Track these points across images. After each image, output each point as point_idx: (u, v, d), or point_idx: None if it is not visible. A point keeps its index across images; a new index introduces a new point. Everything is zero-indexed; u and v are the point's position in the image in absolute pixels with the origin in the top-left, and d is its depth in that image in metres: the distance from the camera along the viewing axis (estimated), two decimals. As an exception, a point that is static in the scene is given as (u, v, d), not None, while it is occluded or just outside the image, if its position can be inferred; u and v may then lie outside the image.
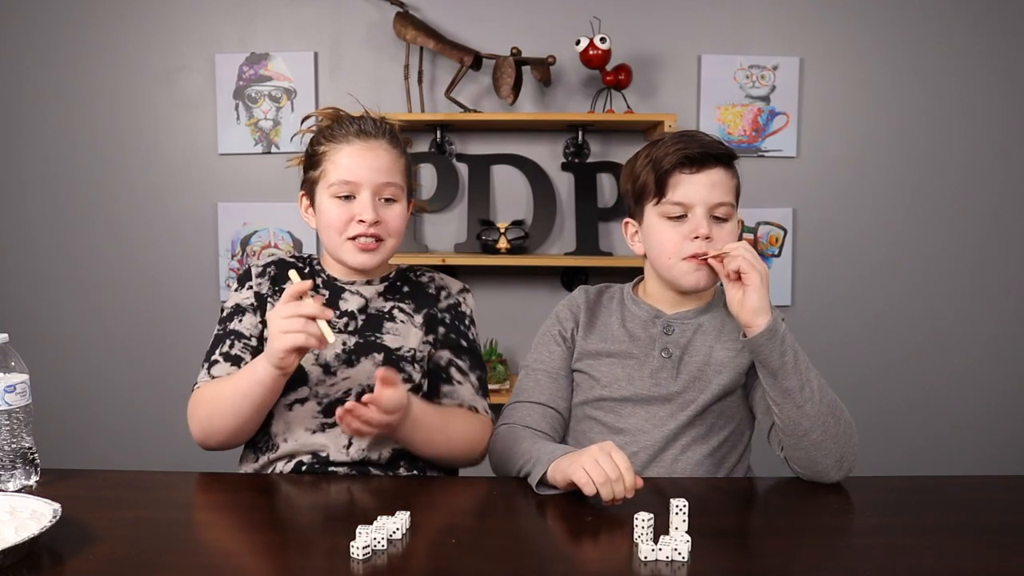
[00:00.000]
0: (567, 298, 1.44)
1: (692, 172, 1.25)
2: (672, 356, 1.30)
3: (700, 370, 1.30)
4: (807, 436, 1.15)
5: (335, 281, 1.36)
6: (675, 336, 1.32)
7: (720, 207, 1.25)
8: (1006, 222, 2.52)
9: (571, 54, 2.39)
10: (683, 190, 1.25)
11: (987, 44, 2.47)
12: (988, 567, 0.90)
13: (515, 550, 0.95)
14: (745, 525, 1.02)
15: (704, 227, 1.24)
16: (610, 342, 1.35)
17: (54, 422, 2.50)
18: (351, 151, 1.29)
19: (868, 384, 2.54)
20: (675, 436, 1.28)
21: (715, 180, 1.25)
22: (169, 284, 2.57)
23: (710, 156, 1.24)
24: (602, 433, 1.31)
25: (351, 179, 1.28)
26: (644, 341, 1.33)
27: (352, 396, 1.26)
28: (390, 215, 1.30)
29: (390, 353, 1.30)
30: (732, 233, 1.26)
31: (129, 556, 0.90)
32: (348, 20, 2.49)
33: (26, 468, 1.12)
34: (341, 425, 1.14)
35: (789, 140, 2.50)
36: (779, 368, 1.15)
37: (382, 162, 1.29)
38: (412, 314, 1.36)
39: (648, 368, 1.31)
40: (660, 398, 1.29)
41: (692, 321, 1.33)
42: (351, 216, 1.28)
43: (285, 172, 2.54)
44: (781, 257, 2.53)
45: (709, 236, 1.23)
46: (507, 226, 2.41)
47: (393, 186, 1.30)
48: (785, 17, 2.48)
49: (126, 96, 2.53)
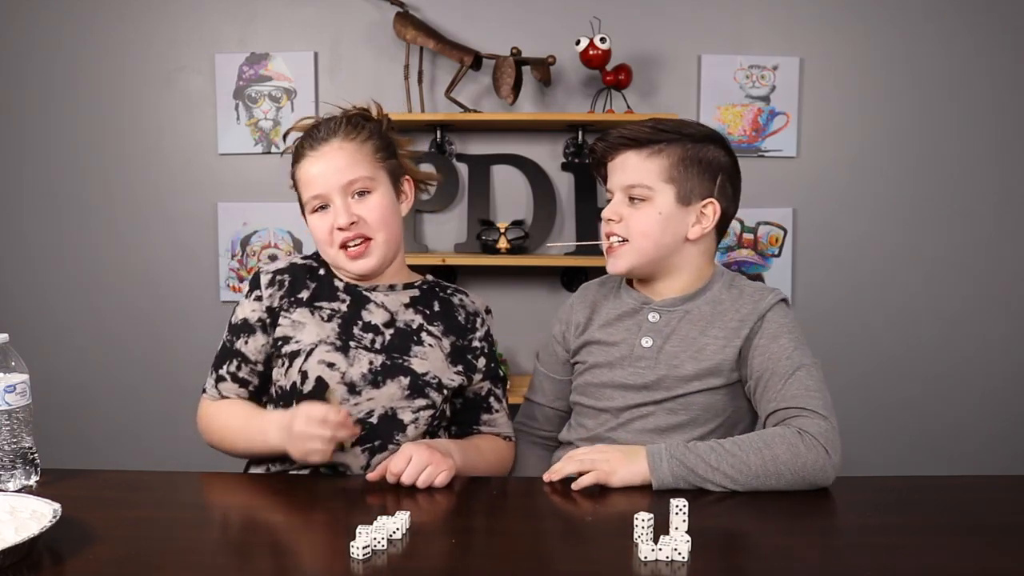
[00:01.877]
0: (570, 298, 1.48)
1: (610, 159, 1.34)
2: (654, 344, 1.31)
3: (677, 358, 1.30)
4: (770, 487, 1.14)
5: (357, 287, 1.33)
6: (659, 324, 1.33)
7: (632, 188, 1.30)
8: (1006, 222, 2.52)
9: (571, 54, 2.39)
10: (608, 177, 1.35)
11: (987, 44, 2.47)
12: (987, 567, 0.90)
13: (515, 550, 0.95)
14: (745, 525, 1.02)
15: (609, 210, 1.32)
16: (603, 331, 1.37)
17: (54, 422, 2.50)
18: (308, 164, 1.29)
19: (868, 384, 2.54)
20: (658, 428, 1.29)
21: (624, 163, 1.31)
22: (169, 284, 2.57)
23: (619, 143, 1.31)
24: (586, 415, 1.37)
25: (317, 191, 1.28)
26: (630, 329, 1.34)
27: (375, 418, 1.26)
28: (365, 209, 1.27)
29: (416, 378, 1.28)
30: (647, 216, 1.29)
31: (129, 556, 0.90)
32: (348, 20, 2.49)
33: (26, 468, 1.12)
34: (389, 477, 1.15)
35: (789, 140, 2.50)
36: (705, 484, 1.12)
37: (338, 161, 1.27)
38: (440, 337, 1.33)
39: (630, 356, 1.32)
40: (638, 386, 1.31)
41: (679, 308, 1.33)
42: (331, 227, 1.27)
43: (285, 172, 2.52)
44: (781, 257, 2.53)
45: (613, 218, 1.31)
46: (507, 226, 2.41)
47: (360, 179, 1.27)
48: (785, 17, 2.48)
49: (126, 96, 2.53)
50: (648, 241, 1.29)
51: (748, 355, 1.27)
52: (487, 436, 1.36)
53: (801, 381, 1.21)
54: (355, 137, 1.29)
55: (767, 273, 2.53)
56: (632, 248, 1.30)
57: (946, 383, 2.56)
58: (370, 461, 1.25)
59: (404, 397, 1.27)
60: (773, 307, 1.30)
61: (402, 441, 1.26)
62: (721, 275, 1.36)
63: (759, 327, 1.28)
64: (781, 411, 1.20)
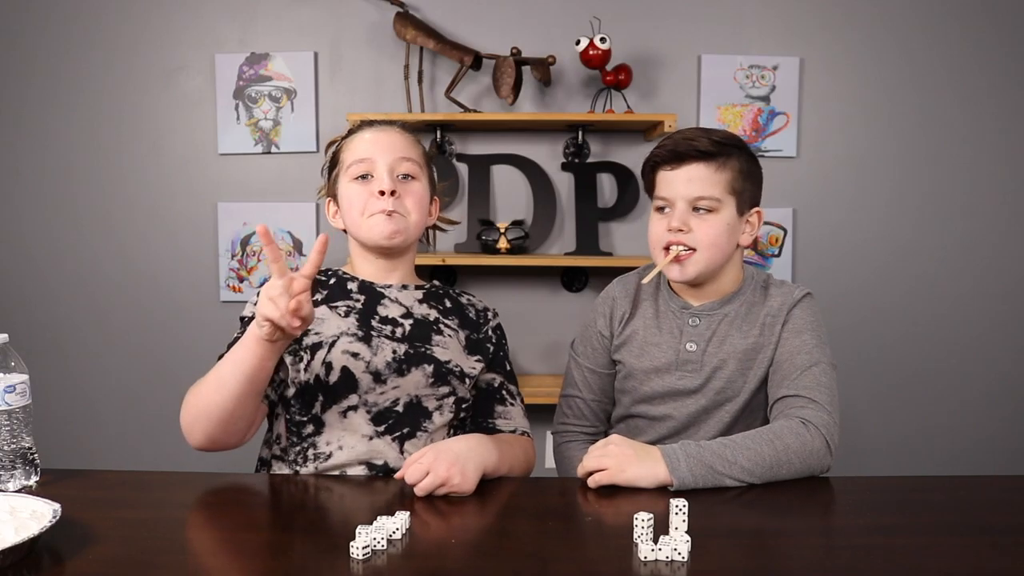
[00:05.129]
0: (608, 290, 1.51)
1: (672, 168, 1.34)
2: (698, 348, 1.37)
3: (723, 362, 1.36)
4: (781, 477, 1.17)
5: (372, 285, 1.36)
6: (701, 328, 1.37)
7: (700, 200, 1.32)
8: (1007, 221, 2.52)
9: (571, 54, 2.39)
10: (664, 186, 1.36)
11: (986, 43, 2.47)
12: (987, 567, 0.90)
13: (515, 550, 0.95)
14: (745, 525, 1.02)
15: (676, 220, 1.33)
16: (646, 330, 1.42)
17: (54, 422, 2.50)
18: (364, 136, 1.34)
19: (867, 383, 2.54)
20: (720, 431, 1.35)
21: (693, 175, 1.33)
22: (169, 284, 2.57)
23: (688, 153, 1.32)
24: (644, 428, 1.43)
25: (366, 156, 1.31)
26: (672, 333, 1.39)
27: (401, 406, 1.28)
28: (408, 191, 1.32)
29: (440, 365, 1.30)
30: (715, 225, 1.32)
31: (129, 556, 0.90)
32: (348, 20, 2.49)
33: (26, 468, 1.12)
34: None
35: (789, 140, 2.50)
36: (723, 480, 1.13)
37: (395, 141, 1.33)
38: (457, 329, 1.37)
39: (676, 361, 1.38)
40: (686, 391, 1.37)
41: (717, 312, 1.39)
42: (370, 193, 1.30)
43: (285, 172, 2.56)
44: (781, 257, 2.53)
45: (682, 228, 1.32)
46: (507, 226, 2.41)
47: (410, 161, 1.32)
48: (785, 17, 2.48)
49: (126, 96, 2.53)
50: (717, 251, 1.34)
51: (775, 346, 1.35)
52: (516, 442, 1.34)
53: (815, 376, 1.27)
54: (411, 134, 1.38)
55: (767, 273, 2.53)
56: (701, 258, 1.34)
57: (946, 383, 2.56)
58: (403, 448, 1.27)
59: (429, 385, 1.29)
60: (799, 302, 1.37)
61: (430, 429, 1.29)
62: (751, 277, 1.43)
63: (787, 320, 1.35)
64: (790, 397, 1.26)
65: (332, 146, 1.42)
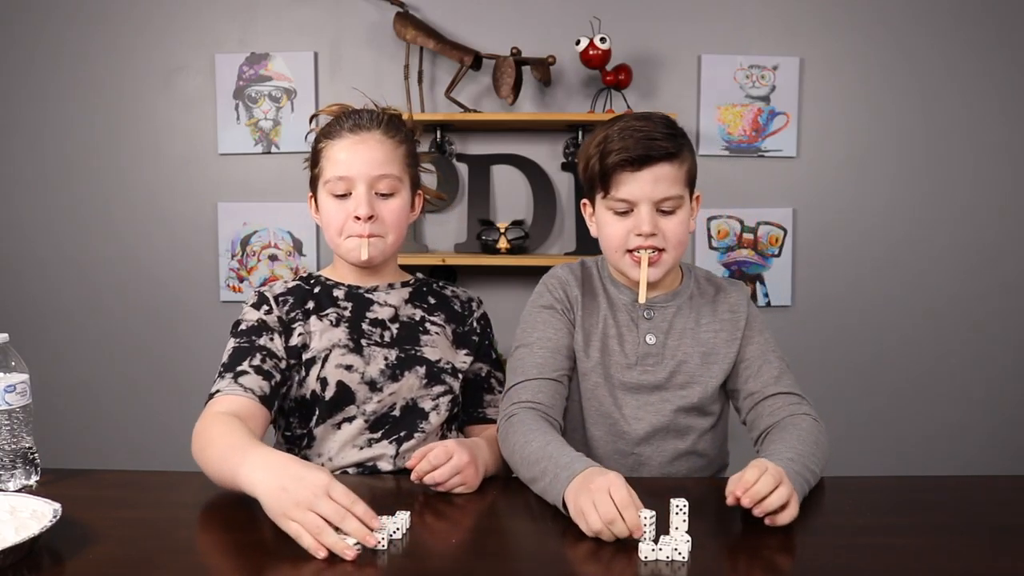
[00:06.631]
0: (553, 275, 1.39)
1: (635, 170, 1.24)
2: (657, 341, 1.33)
3: (686, 353, 1.33)
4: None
5: (357, 290, 1.35)
6: (656, 321, 1.34)
7: (666, 201, 1.25)
8: (1007, 222, 2.52)
9: (571, 54, 2.39)
10: (627, 188, 1.25)
11: (986, 43, 2.47)
12: (988, 567, 0.90)
13: (515, 550, 0.95)
14: (745, 525, 1.02)
15: (647, 225, 1.25)
16: (602, 320, 1.34)
17: (54, 422, 2.50)
18: (344, 145, 1.29)
19: (866, 383, 2.54)
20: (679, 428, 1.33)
21: (658, 175, 1.24)
22: (169, 284, 2.57)
23: (656, 155, 1.24)
24: (602, 423, 1.34)
25: (345, 174, 1.28)
26: (628, 326, 1.34)
27: (397, 410, 1.29)
28: (386, 210, 1.30)
29: (432, 365, 1.31)
30: (681, 223, 1.27)
31: (129, 556, 0.90)
32: (348, 20, 2.49)
33: (26, 468, 1.12)
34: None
35: (789, 140, 2.50)
36: (808, 488, 1.12)
37: (375, 154, 1.29)
38: (443, 325, 1.37)
39: (635, 355, 1.32)
40: (649, 386, 1.32)
41: (671, 304, 1.35)
42: (347, 214, 1.28)
43: (285, 172, 2.56)
44: (781, 257, 2.53)
45: (653, 232, 1.25)
46: (507, 226, 2.41)
47: (389, 178, 1.29)
48: (785, 17, 2.48)
49: (126, 96, 2.53)
50: (683, 247, 1.30)
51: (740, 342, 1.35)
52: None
53: (788, 374, 1.31)
54: (394, 136, 1.33)
55: (767, 273, 2.53)
56: (670, 257, 1.28)
57: (946, 383, 2.56)
58: (399, 450, 1.27)
59: (423, 386, 1.30)
60: (749, 299, 1.38)
61: (426, 429, 1.29)
62: (689, 269, 1.40)
63: (749, 317, 1.35)
64: (783, 395, 1.27)
65: (313, 137, 1.37)
